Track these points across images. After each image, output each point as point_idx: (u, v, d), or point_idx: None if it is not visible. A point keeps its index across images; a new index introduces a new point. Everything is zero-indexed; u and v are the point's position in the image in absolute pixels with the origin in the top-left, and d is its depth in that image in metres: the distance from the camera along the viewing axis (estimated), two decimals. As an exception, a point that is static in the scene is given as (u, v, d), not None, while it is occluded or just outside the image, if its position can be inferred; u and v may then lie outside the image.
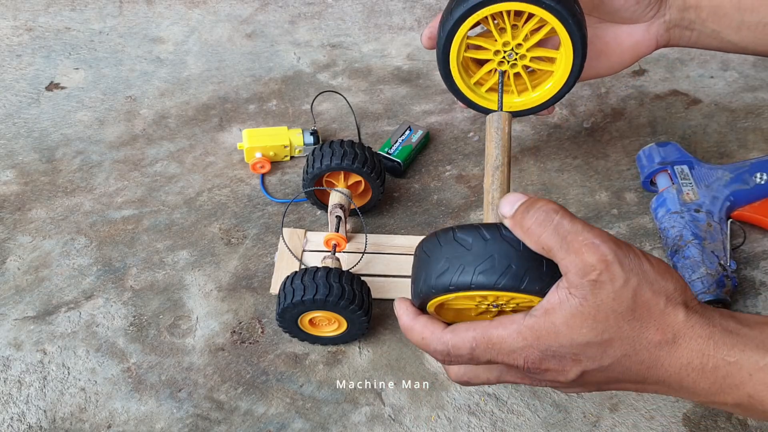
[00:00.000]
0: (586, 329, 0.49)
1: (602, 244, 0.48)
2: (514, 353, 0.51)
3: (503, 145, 0.60)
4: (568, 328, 0.49)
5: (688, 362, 0.50)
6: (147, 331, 0.76)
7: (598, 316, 0.48)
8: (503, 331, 0.51)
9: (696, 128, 0.94)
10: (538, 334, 0.50)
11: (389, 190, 0.87)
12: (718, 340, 0.49)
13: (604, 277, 0.48)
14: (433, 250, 0.53)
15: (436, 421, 0.69)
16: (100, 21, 1.08)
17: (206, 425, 0.69)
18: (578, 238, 0.48)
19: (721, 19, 0.68)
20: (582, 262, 0.48)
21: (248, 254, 0.82)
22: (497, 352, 0.51)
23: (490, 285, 0.51)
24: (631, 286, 0.48)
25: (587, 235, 0.48)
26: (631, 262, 0.48)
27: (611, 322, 0.49)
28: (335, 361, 0.74)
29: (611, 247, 0.48)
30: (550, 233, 0.49)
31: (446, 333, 0.52)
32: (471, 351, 0.51)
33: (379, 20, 1.09)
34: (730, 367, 0.49)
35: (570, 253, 0.48)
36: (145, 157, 0.91)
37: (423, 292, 0.54)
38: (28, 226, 0.84)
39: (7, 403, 0.70)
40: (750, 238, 0.82)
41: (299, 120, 0.96)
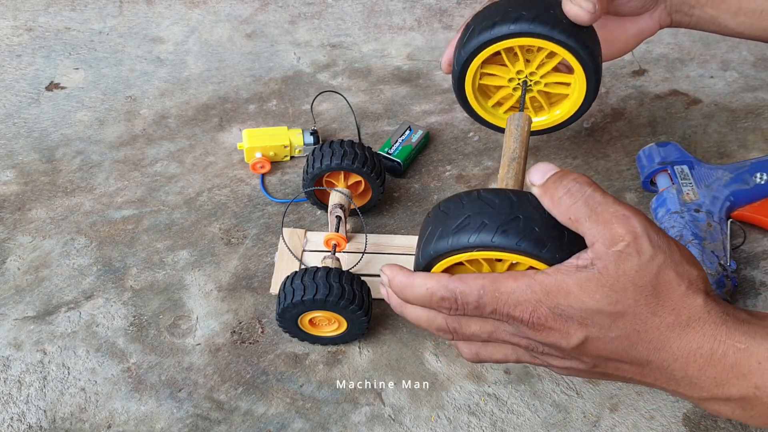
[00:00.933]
0: (600, 295, 0.48)
1: (633, 217, 0.48)
2: (521, 305, 0.49)
3: (522, 140, 0.62)
4: (581, 290, 0.48)
5: (698, 347, 0.49)
6: (147, 331, 0.76)
7: (616, 286, 0.47)
8: (513, 282, 0.49)
9: (696, 128, 0.94)
10: (548, 290, 0.48)
11: (389, 190, 0.87)
12: (731, 326, 0.49)
13: (630, 249, 0.47)
14: (452, 208, 0.52)
15: (436, 421, 0.69)
16: (100, 21, 1.08)
17: (206, 425, 0.69)
18: (609, 210, 0.48)
19: (719, 5, 0.70)
20: (610, 232, 0.47)
21: (248, 254, 0.82)
22: (504, 302, 0.49)
23: (512, 246, 0.49)
24: (656, 263, 0.47)
25: (618, 207, 0.48)
26: (660, 240, 0.48)
27: (629, 294, 0.47)
28: (335, 361, 0.74)
29: (642, 221, 0.48)
30: (580, 204, 0.48)
31: (453, 280, 0.50)
32: (478, 298, 0.50)
33: (379, 20, 1.09)
34: (740, 354, 0.48)
35: (599, 223, 0.47)
36: (145, 157, 0.91)
37: (435, 250, 0.52)
38: (28, 226, 0.84)
39: (7, 403, 0.70)
40: (750, 238, 0.82)
41: (299, 120, 0.96)
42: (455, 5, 1.11)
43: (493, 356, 0.55)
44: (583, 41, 0.66)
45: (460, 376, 0.72)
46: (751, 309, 0.76)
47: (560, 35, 0.65)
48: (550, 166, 0.51)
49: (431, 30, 1.08)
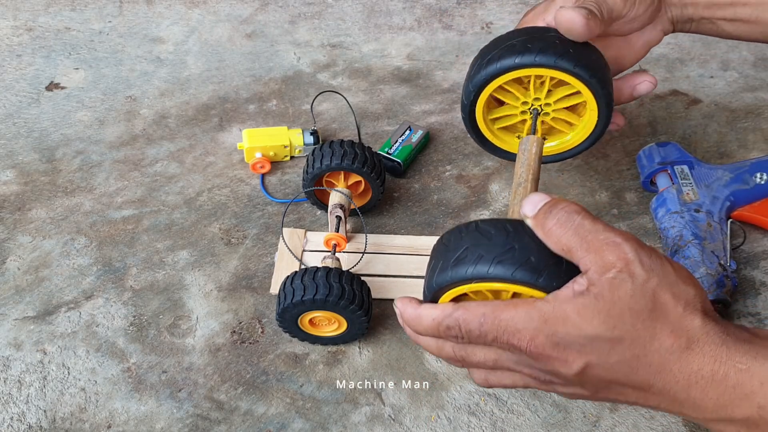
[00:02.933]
0: (597, 321, 0.48)
1: (624, 243, 0.48)
2: (519, 333, 0.49)
3: (529, 163, 0.62)
4: (578, 317, 0.48)
5: (699, 369, 0.48)
6: (147, 331, 0.76)
7: (612, 312, 0.48)
8: (513, 310, 0.50)
9: (696, 128, 0.94)
10: (546, 318, 0.49)
11: (389, 190, 0.87)
12: (731, 346, 0.48)
13: (623, 274, 0.47)
14: (452, 240, 0.53)
15: (436, 421, 0.69)
16: (100, 21, 1.08)
17: (206, 425, 0.69)
18: (599, 237, 0.48)
19: (715, 12, 0.71)
20: (602, 260, 0.48)
21: (248, 254, 0.82)
22: (503, 329, 0.50)
23: (507, 276, 0.50)
24: (650, 286, 0.48)
25: (608, 234, 0.48)
26: (652, 262, 0.48)
27: (626, 320, 0.48)
28: (335, 361, 0.74)
29: (633, 246, 0.48)
30: (570, 234, 0.49)
31: (457, 309, 0.52)
32: (480, 326, 0.51)
33: (379, 20, 1.09)
34: (741, 375, 0.48)
35: (590, 252, 0.48)
36: (145, 157, 0.91)
37: (437, 283, 0.53)
38: (28, 226, 0.84)
39: (7, 403, 0.70)
40: (750, 238, 0.82)
41: (299, 120, 0.96)
42: (455, 5, 1.11)
43: (502, 382, 0.56)
44: (591, 68, 0.65)
45: (460, 376, 0.72)
46: (751, 309, 0.76)
47: (566, 63, 0.64)
48: (542, 197, 0.51)
49: (431, 30, 1.08)
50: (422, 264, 0.79)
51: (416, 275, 0.79)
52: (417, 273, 0.79)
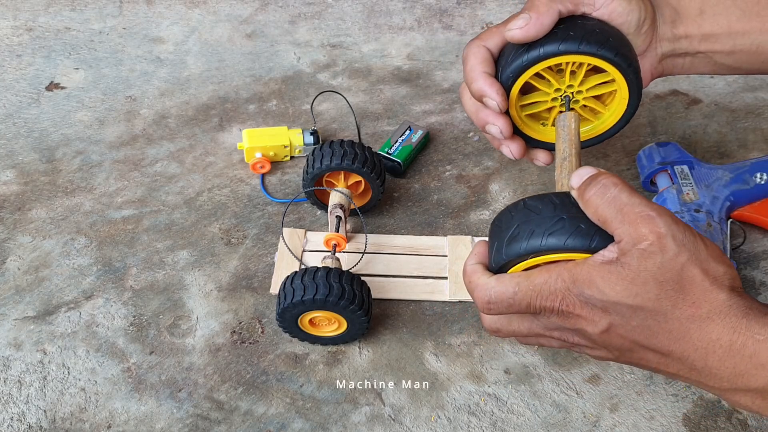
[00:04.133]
0: (620, 287, 0.50)
1: (658, 217, 0.49)
2: (552, 295, 0.52)
3: (570, 138, 0.63)
4: (603, 282, 0.50)
5: (717, 338, 0.49)
6: (147, 331, 0.76)
7: (637, 281, 0.49)
8: (546, 274, 0.52)
9: (696, 128, 0.94)
10: (575, 279, 0.51)
11: (389, 190, 0.87)
12: (752, 318, 0.49)
13: (654, 247, 0.49)
14: (503, 221, 0.56)
15: (436, 421, 0.69)
16: (100, 21, 1.08)
17: (206, 425, 0.69)
18: (635, 210, 0.49)
19: (713, 44, 0.67)
20: (635, 232, 0.49)
21: (248, 254, 0.82)
22: (537, 294, 0.53)
23: (560, 246, 0.52)
24: (680, 261, 0.49)
25: (644, 207, 0.50)
26: (685, 238, 0.49)
27: (649, 289, 0.49)
28: (335, 361, 0.74)
29: (667, 221, 0.49)
30: (606, 205, 0.50)
31: (491, 280, 0.55)
32: (513, 295, 0.53)
33: (379, 20, 1.09)
34: (759, 345, 0.49)
35: (624, 223, 0.49)
36: (145, 157, 0.91)
37: (497, 262, 0.56)
38: (28, 226, 0.84)
39: (7, 403, 0.70)
40: (750, 238, 0.82)
41: (299, 120, 0.96)
42: (455, 5, 1.11)
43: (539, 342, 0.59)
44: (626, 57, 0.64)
45: (460, 376, 0.72)
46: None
47: (607, 52, 0.63)
48: (588, 170, 0.53)
49: (431, 30, 1.08)
50: (422, 264, 0.80)
51: (416, 275, 0.79)
52: (417, 273, 0.79)
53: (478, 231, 0.83)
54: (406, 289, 0.78)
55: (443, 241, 0.82)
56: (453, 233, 0.83)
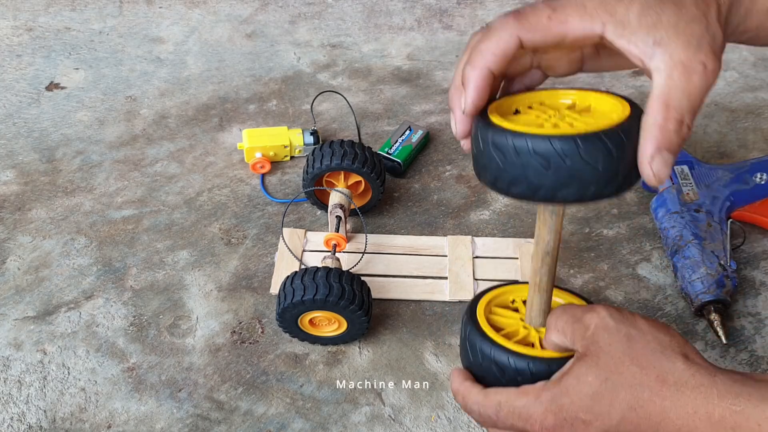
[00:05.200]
0: (591, 377, 0.50)
1: (598, 306, 0.53)
2: (531, 418, 0.52)
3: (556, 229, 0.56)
4: (577, 380, 0.51)
5: (694, 411, 0.48)
6: (147, 331, 0.76)
7: (600, 363, 0.50)
8: (524, 397, 0.53)
9: (696, 128, 0.94)
10: (553, 396, 0.52)
11: (389, 190, 0.87)
12: (722, 388, 0.48)
13: (598, 329, 0.51)
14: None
15: (436, 421, 0.69)
16: (100, 21, 1.08)
17: (206, 425, 0.69)
18: (578, 309, 0.54)
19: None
20: (581, 324, 0.52)
21: (248, 254, 0.82)
22: (518, 416, 0.53)
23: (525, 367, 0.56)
24: (622, 332, 0.51)
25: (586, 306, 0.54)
26: (622, 316, 0.52)
27: (612, 368, 0.50)
28: (335, 361, 0.74)
29: (605, 308, 0.53)
30: (559, 313, 0.55)
31: (479, 395, 0.56)
32: (496, 413, 0.54)
33: (379, 20, 1.09)
34: (738, 417, 0.47)
35: (574, 322, 0.53)
36: (145, 157, 0.91)
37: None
38: (28, 226, 0.84)
39: (7, 403, 0.70)
40: (750, 238, 0.82)
41: (299, 120, 0.96)
42: (455, 5, 1.11)
43: None
44: None
45: (460, 376, 0.72)
46: (751, 309, 0.76)
47: None
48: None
49: (431, 30, 1.08)
50: (422, 264, 0.80)
51: (416, 275, 0.79)
52: (417, 273, 0.79)
53: (478, 231, 0.83)
54: (406, 289, 0.78)
55: (443, 241, 0.82)
56: (453, 233, 0.83)
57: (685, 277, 0.75)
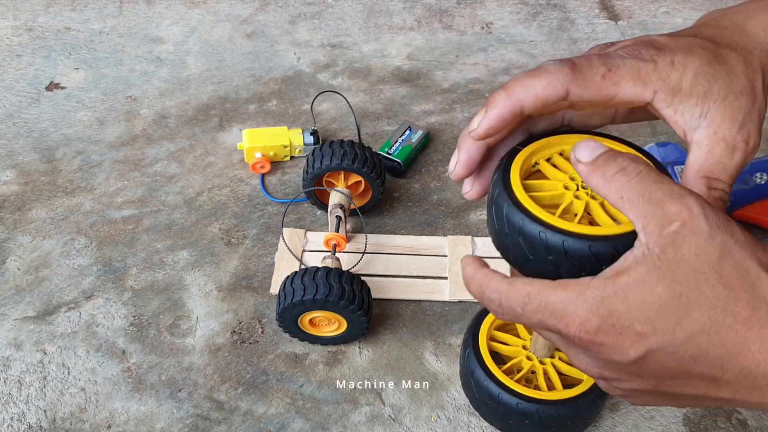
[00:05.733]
0: (661, 288, 0.41)
1: (688, 195, 0.42)
2: (569, 317, 0.43)
3: None
4: (641, 286, 0.41)
5: None
6: (147, 331, 0.76)
7: (677, 274, 0.41)
8: (563, 292, 0.43)
9: (696, 128, 0.93)
10: (603, 295, 0.42)
11: (389, 190, 0.87)
12: None
13: (686, 229, 0.41)
14: None
15: (436, 421, 0.69)
16: (100, 21, 1.08)
17: (206, 425, 0.69)
18: (663, 188, 0.43)
19: None
20: (663, 212, 0.42)
21: (248, 254, 0.82)
22: (550, 312, 0.43)
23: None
24: (717, 243, 0.41)
25: (674, 187, 0.43)
26: (718, 218, 0.41)
27: (692, 284, 0.41)
28: (335, 361, 0.74)
29: (698, 200, 0.42)
30: (635, 182, 0.43)
31: (503, 282, 0.46)
32: (523, 305, 0.45)
33: (379, 20, 1.09)
34: None
35: (651, 203, 0.42)
36: (145, 157, 0.91)
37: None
38: (28, 226, 0.84)
39: (7, 403, 0.70)
40: (750, 238, 0.82)
41: (299, 120, 0.96)
42: (455, 5, 1.11)
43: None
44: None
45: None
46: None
47: None
48: (599, 144, 0.45)
49: (431, 30, 1.08)
50: (422, 264, 0.80)
51: (416, 275, 0.79)
52: (417, 273, 0.79)
53: (478, 231, 0.83)
54: (406, 289, 0.78)
55: (443, 241, 0.82)
56: (453, 233, 0.83)
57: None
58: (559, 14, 1.10)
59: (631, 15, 1.10)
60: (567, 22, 1.09)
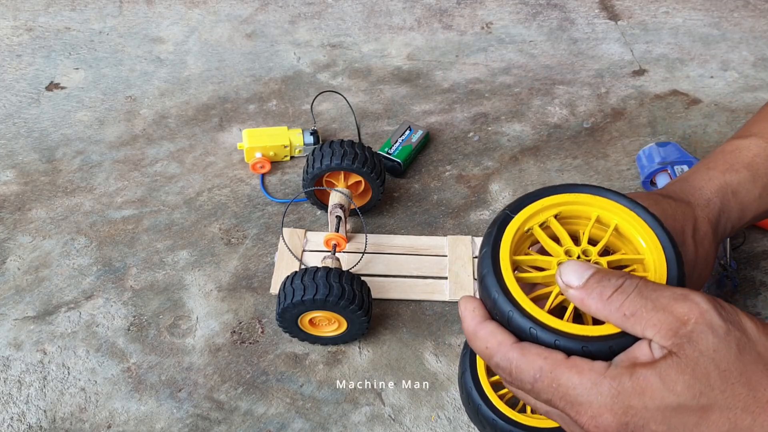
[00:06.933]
0: (681, 386, 0.39)
1: (693, 294, 0.41)
2: (581, 407, 0.41)
3: None
4: (660, 383, 0.39)
5: None
6: (147, 331, 0.76)
7: (697, 372, 0.39)
8: (577, 376, 0.41)
9: (696, 128, 0.94)
10: (620, 390, 0.40)
11: (389, 190, 0.87)
12: None
13: (700, 326, 0.40)
14: None
15: (436, 421, 0.69)
16: (100, 21, 1.08)
17: (206, 425, 0.69)
18: (664, 294, 0.41)
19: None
20: (673, 316, 0.40)
21: (248, 254, 0.82)
22: (561, 396, 0.42)
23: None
24: (733, 338, 0.40)
25: (675, 290, 0.42)
26: (728, 313, 0.41)
27: (713, 381, 0.39)
28: (335, 361, 0.74)
29: (704, 296, 0.41)
30: (634, 297, 0.42)
31: (514, 350, 0.44)
32: (533, 381, 0.43)
33: (379, 20, 1.09)
34: None
35: (658, 311, 0.41)
36: (145, 157, 0.91)
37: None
38: (28, 226, 0.84)
39: (7, 403, 0.70)
40: (750, 238, 0.82)
41: (299, 120, 0.96)
42: (455, 5, 1.11)
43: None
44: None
45: (460, 376, 0.72)
46: (751, 309, 0.76)
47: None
48: (585, 265, 0.44)
49: (431, 30, 1.08)
50: (422, 264, 0.79)
51: (416, 275, 0.79)
52: (417, 273, 0.79)
53: (478, 231, 0.83)
54: (406, 289, 0.78)
55: (443, 241, 0.82)
56: (453, 233, 0.83)
57: (685, 277, 0.75)
58: (559, 14, 1.10)
59: (631, 15, 1.10)
60: (567, 22, 1.09)
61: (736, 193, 0.59)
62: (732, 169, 0.61)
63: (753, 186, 0.60)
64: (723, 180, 0.60)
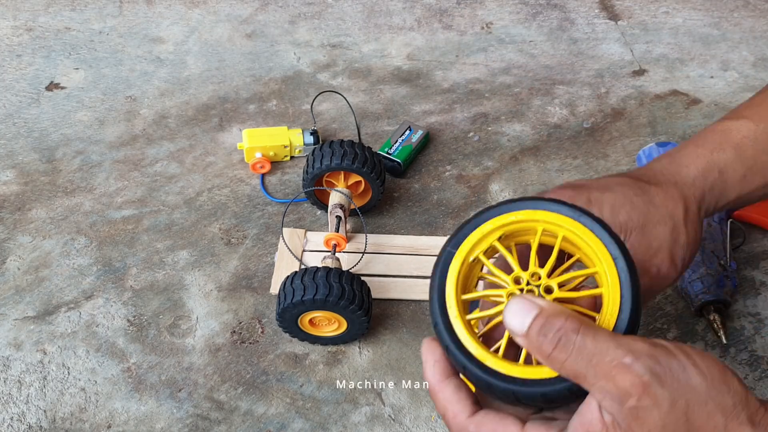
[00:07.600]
0: None
1: (634, 363, 0.40)
2: None
3: None
4: None
5: None
6: (147, 331, 0.76)
7: None
8: None
9: (696, 128, 0.93)
10: None
11: (389, 190, 0.87)
12: None
13: (644, 402, 0.39)
14: None
15: (436, 421, 0.69)
16: (100, 21, 1.08)
17: (206, 425, 0.69)
18: (605, 359, 0.40)
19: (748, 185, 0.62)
20: (615, 387, 0.40)
21: (248, 254, 0.82)
22: None
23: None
24: (680, 409, 0.39)
25: (616, 353, 0.40)
26: (673, 378, 0.40)
27: None
28: (335, 361, 0.74)
29: (646, 363, 0.40)
30: (575, 357, 0.40)
31: (471, 421, 0.44)
32: None
33: (379, 20, 1.09)
34: None
35: (600, 378, 0.40)
36: (145, 157, 0.91)
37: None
38: (28, 226, 0.84)
39: (7, 403, 0.70)
40: (750, 238, 0.82)
41: (299, 120, 0.96)
42: (455, 5, 1.11)
43: None
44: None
45: (460, 376, 0.72)
46: (751, 309, 0.76)
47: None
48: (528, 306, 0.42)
49: (431, 30, 1.08)
50: (422, 264, 0.79)
51: (416, 275, 0.79)
52: (417, 273, 0.79)
53: (478, 231, 0.83)
54: (406, 289, 0.78)
55: (443, 241, 0.82)
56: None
57: (685, 277, 0.75)
58: (559, 14, 1.10)
59: (631, 15, 1.10)
60: (567, 22, 1.09)
61: (722, 172, 0.60)
62: (720, 148, 0.60)
63: (739, 166, 0.60)
64: (710, 158, 0.60)
